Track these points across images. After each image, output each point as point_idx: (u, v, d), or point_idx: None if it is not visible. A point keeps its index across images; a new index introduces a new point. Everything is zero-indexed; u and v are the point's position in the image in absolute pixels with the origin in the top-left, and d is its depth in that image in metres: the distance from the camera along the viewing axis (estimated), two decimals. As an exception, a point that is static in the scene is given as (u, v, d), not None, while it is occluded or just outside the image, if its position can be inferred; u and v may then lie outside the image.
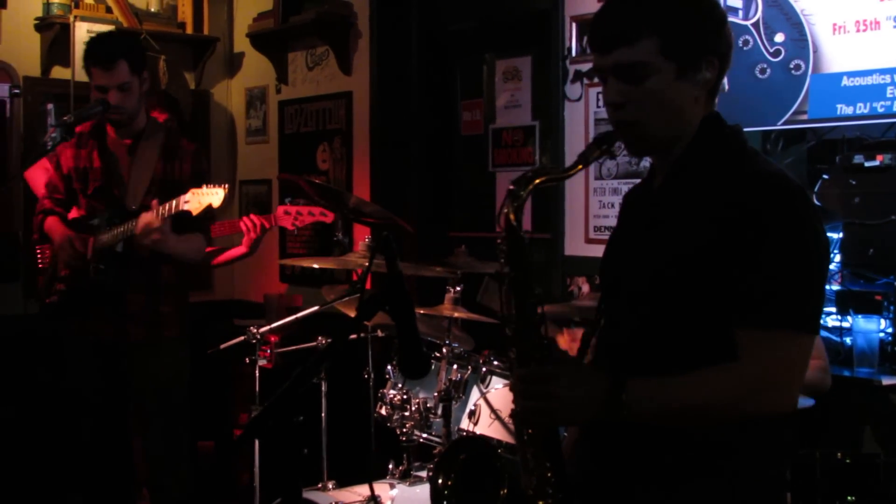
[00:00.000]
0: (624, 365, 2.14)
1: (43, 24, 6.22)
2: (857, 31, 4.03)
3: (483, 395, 3.92)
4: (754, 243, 2.02)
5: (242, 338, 4.60)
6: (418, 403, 4.14)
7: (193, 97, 6.95)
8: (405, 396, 4.19)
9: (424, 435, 4.13)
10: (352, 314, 4.37)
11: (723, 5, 4.27)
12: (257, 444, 4.55)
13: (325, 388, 4.59)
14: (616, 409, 2.04)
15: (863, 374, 4.09)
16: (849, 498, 3.55)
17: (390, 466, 4.34)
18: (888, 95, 3.94)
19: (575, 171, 2.24)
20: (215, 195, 4.14)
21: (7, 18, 6.18)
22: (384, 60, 6.18)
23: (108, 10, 6.38)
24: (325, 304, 4.52)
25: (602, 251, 2.49)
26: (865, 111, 3.99)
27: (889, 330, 4.14)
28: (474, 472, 3.22)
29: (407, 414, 4.16)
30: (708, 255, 2.06)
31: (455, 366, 4.13)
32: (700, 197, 2.14)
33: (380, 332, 4.71)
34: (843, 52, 4.08)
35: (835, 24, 4.10)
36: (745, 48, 4.30)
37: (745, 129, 2.27)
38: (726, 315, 2.05)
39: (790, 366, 2.04)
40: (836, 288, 4.27)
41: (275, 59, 6.83)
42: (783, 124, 4.26)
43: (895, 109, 3.93)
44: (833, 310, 4.26)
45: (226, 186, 4.18)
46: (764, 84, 4.27)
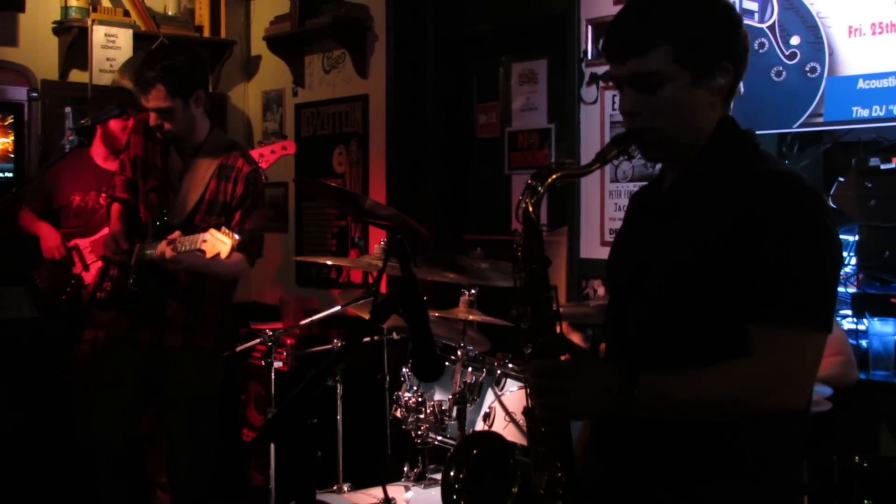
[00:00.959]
0: (635, 364, 2.14)
1: (61, 28, 6.25)
2: (873, 33, 4.02)
3: (498, 398, 3.92)
4: (767, 242, 2.02)
5: (258, 340, 4.61)
6: (433, 406, 4.14)
7: (210, 100, 6.94)
8: (420, 399, 4.18)
9: (439, 437, 4.13)
10: (367, 317, 4.38)
11: (738, 8, 4.26)
12: (273, 446, 4.55)
13: (340, 390, 4.59)
14: (628, 403, 2.04)
15: (879, 376, 4.09)
16: (866, 501, 3.54)
17: (405, 469, 4.34)
18: (904, 98, 3.93)
19: (592, 168, 2.26)
20: (224, 245, 3.94)
21: (25, 22, 6.22)
22: (400, 63, 6.19)
23: (126, 14, 6.41)
24: (341, 307, 4.53)
25: (617, 253, 2.49)
26: (881, 114, 3.97)
27: (905, 332, 4.13)
28: (486, 467, 3.22)
29: (422, 416, 4.16)
30: (720, 253, 2.07)
31: (470, 368, 4.13)
32: (713, 196, 2.14)
33: (395, 335, 4.71)
34: (858, 54, 4.06)
35: (850, 27, 4.08)
36: (760, 51, 4.29)
37: (760, 132, 2.28)
38: (738, 313, 2.06)
39: (802, 363, 2.05)
40: (851, 290, 4.26)
41: (291, 62, 6.85)
42: (799, 127, 4.24)
43: (911, 112, 3.93)
44: (849, 312, 4.25)
45: (235, 238, 3.96)
46: (780, 87, 4.26)
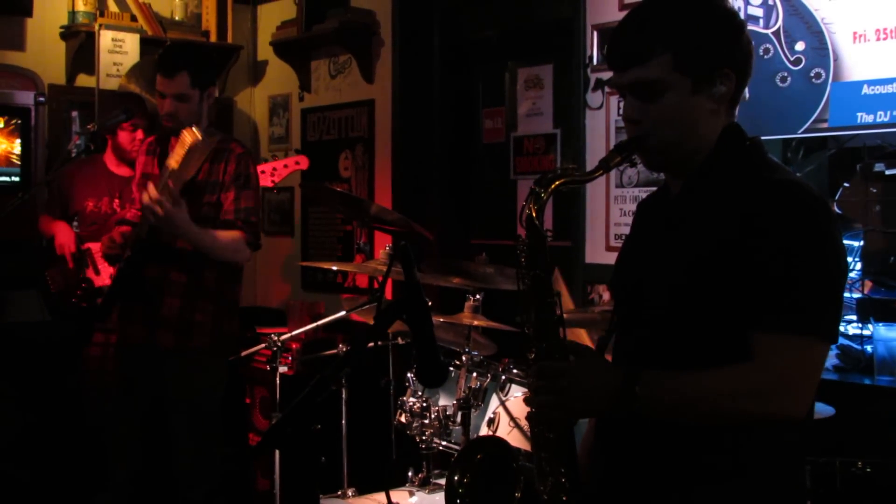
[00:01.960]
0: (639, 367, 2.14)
1: (68, 33, 6.28)
2: (878, 39, 4.02)
3: (502, 403, 3.93)
4: (773, 249, 2.02)
5: (263, 345, 4.61)
6: (438, 411, 4.14)
7: (217, 105, 6.98)
8: (425, 404, 4.18)
9: (444, 443, 4.13)
10: (371, 323, 4.38)
11: (743, 14, 4.27)
12: (277, 451, 4.55)
13: (345, 395, 4.60)
14: (630, 402, 2.05)
15: (884, 382, 4.08)
16: (869, 507, 3.54)
17: (410, 474, 4.34)
18: (909, 104, 3.94)
19: (596, 175, 2.27)
20: (187, 138, 4.08)
21: (32, 27, 6.24)
22: (406, 68, 6.21)
23: (133, 19, 6.43)
24: (346, 312, 4.53)
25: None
26: (886, 119, 3.97)
27: (910, 338, 4.13)
28: (490, 472, 3.23)
29: (426, 421, 4.16)
30: (727, 260, 2.07)
31: (474, 374, 4.13)
32: (719, 204, 2.14)
33: (400, 340, 4.72)
34: (863, 60, 4.07)
35: (855, 33, 4.09)
36: (765, 56, 4.29)
37: (765, 138, 2.29)
38: (742, 320, 2.06)
39: (804, 371, 2.05)
40: (856, 296, 4.26)
41: (298, 67, 6.87)
42: (804, 132, 4.25)
43: (916, 118, 3.93)
44: (854, 318, 4.25)
45: (196, 134, 4.08)
46: (784, 92, 4.26)
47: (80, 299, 5.13)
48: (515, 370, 4.05)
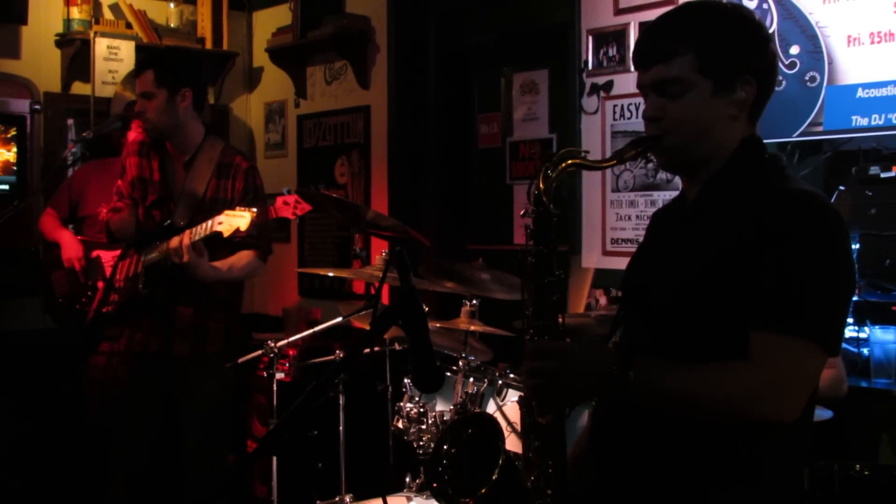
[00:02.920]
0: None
1: (63, 40, 6.27)
2: (872, 42, 4.03)
3: (499, 408, 3.92)
4: (784, 254, 2.03)
5: (261, 351, 4.61)
6: (435, 417, 4.14)
7: (213, 112, 6.98)
8: (422, 409, 4.18)
9: (441, 448, 4.13)
10: (367, 328, 4.38)
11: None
12: (275, 457, 4.56)
13: (342, 401, 4.59)
14: (622, 387, 2.05)
15: (880, 384, 4.09)
16: (866, 509, 3.54)
17: (407, 479, 4.34)
18: (903, 107, 3.94)
19: (607, 165, 2.32)
20: (242, 218, 4.06)
21: (28, 34, 6.24)
22: (402, 74, 6.22)
23: (129, 26, 6.43)
24: (343, 318, 4.53)
25: (619, 263, 2.51)
26: (881, 122, 3.99)
27: (905, 341, 4.13)
28: (476, 448, 3.24)
29: (423, 427, 4.16)
30: (737, 265, 2.07)
31: (471, 379, 4.13)
32: (734, 210, 2.15)
33: (397, 346, 4.72)
34: (857, 63, 4.08)
35: (849, 37, 4.10)
36: (760, 60, 4.29)
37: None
38: (746, 323, 2.06)
39: (798, 375, 2.04)
40: (853, 299, 4.26)
41: (293, 73, 6.87)
42: (799, 136, 4.26)
43: (910, 121, 3.93)
44: (850, 321, 4.25)
45: (254, 211, 4.09)
46: (779, 96, 4.23)
47: (84, 306, 5.12)
48: (512, 375, 4.05)
